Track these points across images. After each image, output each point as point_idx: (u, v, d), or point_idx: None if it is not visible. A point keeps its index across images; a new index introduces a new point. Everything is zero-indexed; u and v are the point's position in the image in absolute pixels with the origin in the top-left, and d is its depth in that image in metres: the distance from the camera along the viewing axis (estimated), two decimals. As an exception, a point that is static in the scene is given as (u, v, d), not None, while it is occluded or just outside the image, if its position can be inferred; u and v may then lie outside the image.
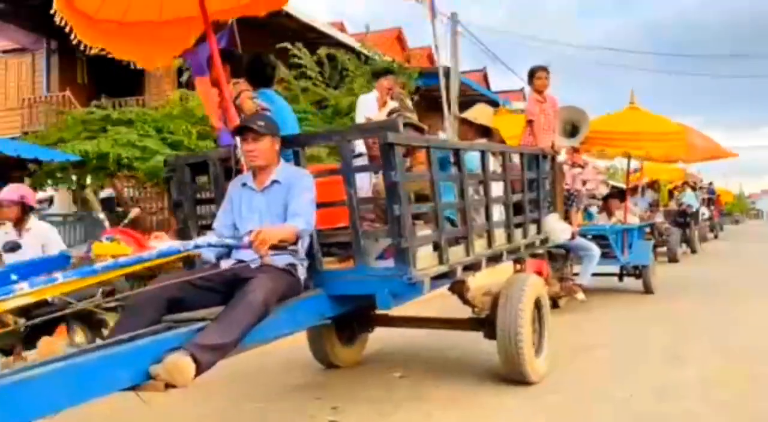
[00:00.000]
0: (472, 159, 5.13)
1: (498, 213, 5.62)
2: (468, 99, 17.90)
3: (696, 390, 4.83)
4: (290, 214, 3.87)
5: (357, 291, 4.17)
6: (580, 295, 8.68)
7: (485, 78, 34.88)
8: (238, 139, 4.06)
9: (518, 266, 6.39)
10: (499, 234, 5.50)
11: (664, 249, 15.76)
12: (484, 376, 5.28)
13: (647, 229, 16.80)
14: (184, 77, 11.13)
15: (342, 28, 22.73)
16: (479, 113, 6.13)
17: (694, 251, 19.09)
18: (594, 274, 10.09)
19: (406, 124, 5.12)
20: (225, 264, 3.86)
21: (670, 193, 20.92)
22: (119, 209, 13.24)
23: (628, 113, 9.91)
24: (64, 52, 17.39)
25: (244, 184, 4.13)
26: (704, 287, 11.01)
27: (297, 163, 4.27)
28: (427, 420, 4.32)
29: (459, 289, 5.34)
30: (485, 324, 5.40)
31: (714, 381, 5.07)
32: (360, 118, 6.45)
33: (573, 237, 8.44)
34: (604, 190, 10.22)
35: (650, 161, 11.71)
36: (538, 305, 5.58)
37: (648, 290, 10.36)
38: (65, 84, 17.56)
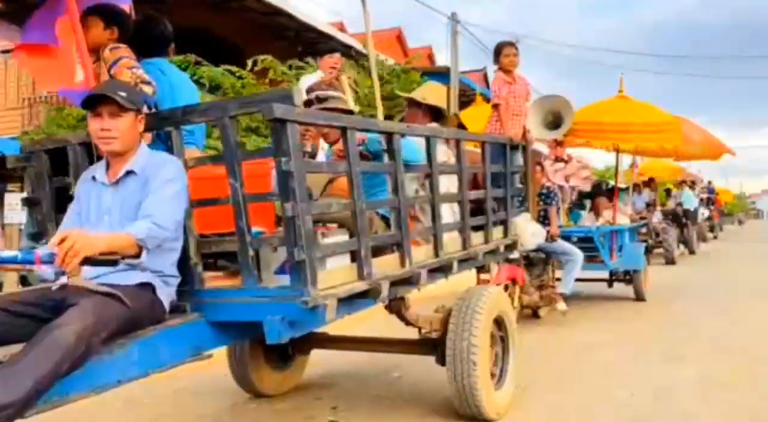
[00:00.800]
0: (412, 146, 4.08)
1: (450, 213, 4.59)
2: (468, 99, 17.61)
3: (696, 390, 4.79)
4: (140, 215, 2.85)
5: (243, 316, 3.16)
6: (561, 305, 7.66)
7: (485, 78, 33.80)
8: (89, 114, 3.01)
9: (484, 275, 5.33)
10: (451, 240, 4.47)
11: (661, 250, 15.07)
12: None
13: (643, 230, 16.18)
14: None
15: (342, 28, 22.20)
16: (430, 92, 5.06)
17: (692, 252, 18.18)
18: (581, 280, 9.17)
19: (331, 109, 4.11)
20: (58, 284, 2.82)
21: (668, 192, 19.81)
22: None
23: (617, 102, 8.85)
24: None
25: (93, 178, 3.10)
26: (702, 293, 10.24)
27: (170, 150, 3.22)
28: (426, 419, 4.24)
29: (397, 308, 4.31)
30: (437, 346, 4.38)
31: (714, 381, 5.02)
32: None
33: (553, 239, 7.42)
34: (587, 187, 9.15)
35: (641, 156, 10.58)
36: (500, 324, 4.56)
37: (639, 297, 9.35)
38: None
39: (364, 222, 3.38)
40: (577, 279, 9.46)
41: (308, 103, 4.20)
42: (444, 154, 4.60)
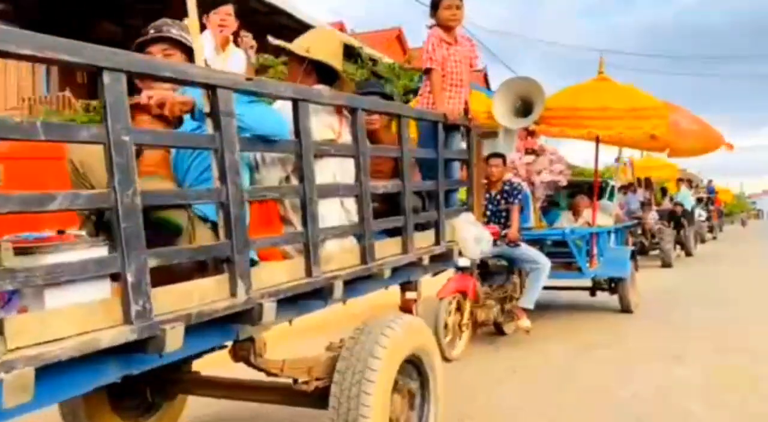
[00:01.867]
0: (268, 114, 2.70)
1: (340, 213, 3.22)
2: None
3: (696, 391, 4.71)
4: None
5: None
6: (524, 322, 6.30)
7: (485, 78, 32.47)
8: None
9: (410, 293, 3.97)
10: (343, 250, 3.09)
11: (657, 252, 14.22)
12: (482, 376, 5.11)
13: (638, 231, 14.77)
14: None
15: (342, 28, 22.19)
16: (319, 42, 3.53)
17: (689, 254, 16.92)
18: (561, 288, 7.79)
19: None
20: None
21: (664, 191, 18.35)
22: None
23: (596, 85, 7.44)
24: None
25: None
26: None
27: None
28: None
29: (243, 355, 2.92)
30: (319, 398, 3.01)
31: (714, 382, 4.95)
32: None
33: (513, 243, 6.05)
34: (563, 182, 7.74)
35: (628, 147, 9.14)
36: (417, 367, 3.17)
37: (625, 308, 7.95)
38: (65, 84, 16.70)
39: (133, 225, 1.99)
40: (557, 288, 8.18)
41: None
42: (328, 127, 3.20)
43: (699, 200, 21.36)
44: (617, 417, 4.21)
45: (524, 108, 7.13)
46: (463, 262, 5.74)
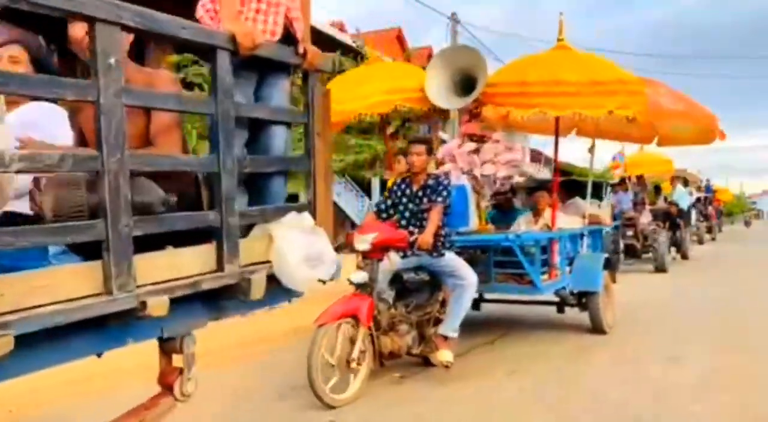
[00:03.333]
0: None
1: None
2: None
3: (696, 391, 4.51)
4: None
5: None
6: (444, 355, 4.73)
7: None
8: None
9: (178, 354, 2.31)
10: None
11: (650, 255, 12.73)
12: (482, 376, 4.89)
13: (629, 233, 13.04)
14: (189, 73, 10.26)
15: (342, 28, 21.66)
16: None
17: (685, 257, 15.14)
18: (522, 302, 6.57)
19: None
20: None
21: (657, 189, 16.49)
22: None
23: (553, 56, 5.68)
24: (64, 52, 15.82)
25: None
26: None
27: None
28: (426, 419, 4.01)
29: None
30: None
31: (714, 382, 4.73)
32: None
33: (439, 253, 4.45)
34: (516, 176, 6.03)
35: (605, 137, 7.39)
36: None
37: (597, 328, 6.27)
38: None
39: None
40: (518, 302, 6.54)
41: None
42: None
43: (697, 200, 19.47)
44: (616, 417, 4.03)
45: (466, 84, 5.47)
46: (358, 277, 4.15)
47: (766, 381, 4.73)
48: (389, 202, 4.97)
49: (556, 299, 6.52)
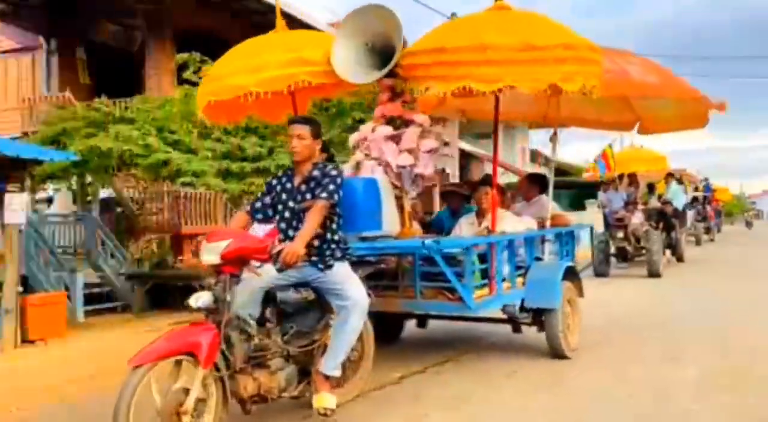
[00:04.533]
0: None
1: None
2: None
3: (696, 391, 4.37)
4: None
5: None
6: (323, 399, 3.54)
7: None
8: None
9: None
10: None
11: (643, 258, 11.63)
12: (482, 376, 4.72)
13: (619, 234, 11.72)
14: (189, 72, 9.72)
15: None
16: None
17: (680, 259, 13.90)
18: (474, 319, 5.41)
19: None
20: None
21: (651, 188, 15.11)
22: (119, 210, 12.32)
23: (487, 18, 4.28)
24: (64, 52, 16.14)
25: None
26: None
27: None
28: (426, 419, 3.86)
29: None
30: None
31: (714, 382, 4.57)
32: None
33: (326, 265, 3.26)
34: (445, 167, 4.76)
35: (561, 122, 6.10)
36: None
37: (556, 352, 5.11)
38: (65, 84, 15.81)
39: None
40: (468, 319, 5.35)
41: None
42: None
43: (695, 199, 18.07)
44: (616, 417, 3.88)
45: (383, 55, 4.24)
46: (199, 300, 2.96)
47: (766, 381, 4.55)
48: (267, 199, 3.75)
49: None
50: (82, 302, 8.51)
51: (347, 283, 3.54)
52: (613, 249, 12.00)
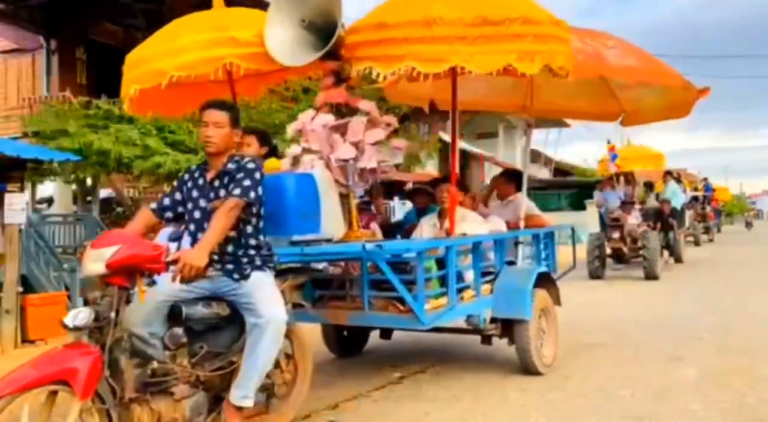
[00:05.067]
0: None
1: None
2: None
3: (696, 391, 4.32)
4: None
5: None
6: None
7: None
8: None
9: None
10: None
11: (640, 260, 10.98)
12: (483, 376, 4.64)
13: (615, 235, 11.15)
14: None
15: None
16: None
17: (678, 260, 13.36)
18: (444, 330, 4.82)
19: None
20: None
21: (649, 187, 14.49)
22: (119, 209, 12.43)
23: None
24: (64, 52, 16.19)
25: None
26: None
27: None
28: (426, 419, 3.80)
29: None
30: None
31: (714, 382, 4.51)
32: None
33: (242, 275, 2.72)
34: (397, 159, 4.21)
35: (500, 108, 5.58)
36: None
37: (528, 368, 4.54)
38: (65, 84, 15.85)
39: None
40: (434, 330, 4.78)
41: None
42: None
43: (694, 199, 17.45)
44: (616, 416, 3.79)
45: (324, 34, 3.70)
46: (76, 318, 2.44)
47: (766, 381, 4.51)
48: (177, 195, 3.21)
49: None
50: (82, 302, 8.23)
51: (262, 297, 2.99)
52: (608, 250, 11.44)
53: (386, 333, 5.40)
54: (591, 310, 7.55)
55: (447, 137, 17.69)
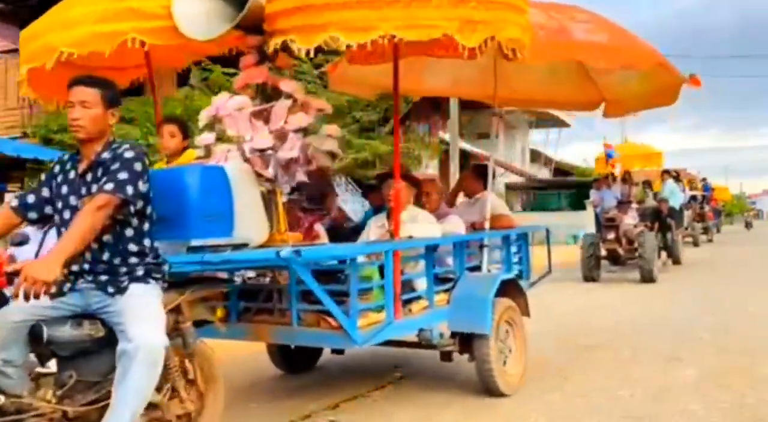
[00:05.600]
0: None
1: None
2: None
3: (696, 391, 4.27)
4: None
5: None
6: None
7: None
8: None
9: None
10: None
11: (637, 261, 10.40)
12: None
13: (610, 236, 10.54)
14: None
15: None
16: None
17: (676, 262, 12.70)
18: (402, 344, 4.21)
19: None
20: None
21: (648, 186, 13.87)
22: None
23: None
24: None
25: None
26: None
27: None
28: (427, 419, 3.72)
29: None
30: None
31: (714, 382, 4.45)
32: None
33: (118, 289, 2.17)
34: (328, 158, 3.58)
35: (467, 97, 5.04)
36: None
37: (489, 389, 3.95)
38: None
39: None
40: (399, 344, 4.29)
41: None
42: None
43: (693, 198, 16.82)
44: (616, 417, 3.74)
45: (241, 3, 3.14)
46: None
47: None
48: (45, 192, 2.65)
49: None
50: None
51: (134, 316, 2.41)
52: (603, 252, 10.86)
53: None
54: (586, 313, 7.33)
55: (448, 137, 17.16)
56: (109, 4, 3.17)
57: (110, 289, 2.48)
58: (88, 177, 2.53)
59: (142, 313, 2.43)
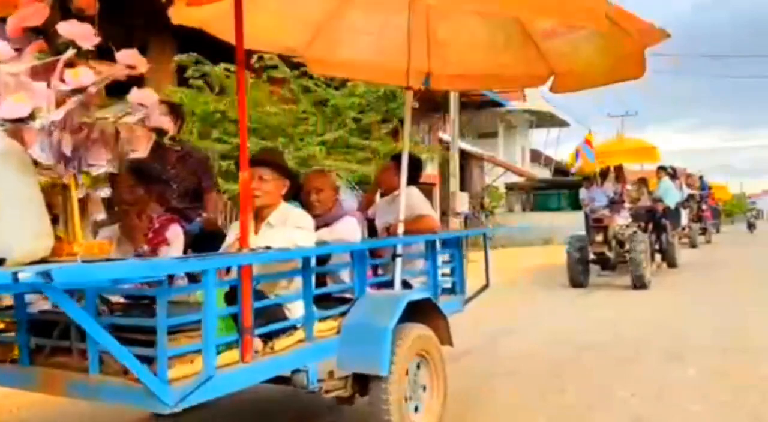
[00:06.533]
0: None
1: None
2: (469, 100, 15.55)
3: (696, 390, 4.27)
4: None
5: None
6: None
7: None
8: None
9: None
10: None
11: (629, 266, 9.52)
12: (484, 376, 4.61)
13: (600, 238, 9.53)
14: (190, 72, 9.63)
15: None
16: None
17: (671, 265, 11.73)
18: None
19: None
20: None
21: (644, 184, 12.82)
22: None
23: None
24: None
25: None
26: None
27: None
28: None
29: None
30: None
31: (714, 382, 4.47)
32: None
33: None
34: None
35: (397, 82, 4.04)
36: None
37: None
38: None
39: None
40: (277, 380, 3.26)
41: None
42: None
43: (691, 197, 15.76)
44: (617, 416, 3.78)
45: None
46: None
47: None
48: None
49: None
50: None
51: None
52: (591, 256, 9.85)
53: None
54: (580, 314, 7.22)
55: (447, 137, 16.39)
56: None
57: None
58: None
59: None
